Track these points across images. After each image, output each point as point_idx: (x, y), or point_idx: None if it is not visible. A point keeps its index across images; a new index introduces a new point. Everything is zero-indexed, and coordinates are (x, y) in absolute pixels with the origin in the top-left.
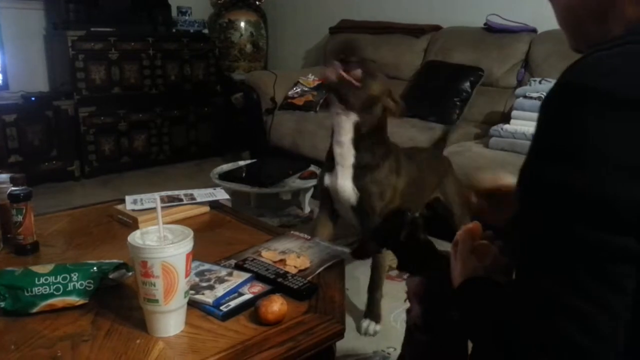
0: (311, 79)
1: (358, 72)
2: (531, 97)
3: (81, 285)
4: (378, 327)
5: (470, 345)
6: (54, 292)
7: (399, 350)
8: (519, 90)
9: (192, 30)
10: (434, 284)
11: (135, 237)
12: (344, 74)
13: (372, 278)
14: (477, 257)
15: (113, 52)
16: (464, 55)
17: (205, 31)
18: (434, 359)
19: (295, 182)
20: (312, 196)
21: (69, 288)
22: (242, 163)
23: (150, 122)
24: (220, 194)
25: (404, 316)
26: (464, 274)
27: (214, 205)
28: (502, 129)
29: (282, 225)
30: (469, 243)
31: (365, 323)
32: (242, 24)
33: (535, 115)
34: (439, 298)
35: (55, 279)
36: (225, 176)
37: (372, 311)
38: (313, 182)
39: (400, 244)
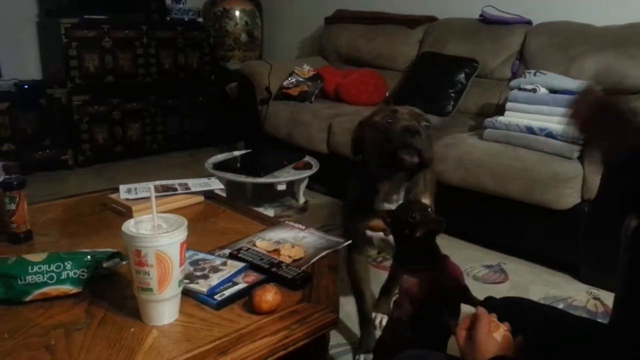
0: (306, 69)
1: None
2: (525, 89)
3: (75, 274)
4: (370, 356)
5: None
6: (48, 281)
7: None
8: (513, 82)
9: (186, 19)
10: (430, 289)
11: (129, 226)
12: None
13: (362, 315)
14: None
15: (107, 40)
16: (459, 47)
17: (200, 20)
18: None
19: (290, 173)
20: (307, 187)
21: (63, 277)
22: (236, 153)
23: (144, 111)
24: (215, 184)
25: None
26: (489, 351)
27: (209, 195)
28: (496, 120)
29: (277, 216)
30: (487, 324)
31: (359, 356)
32: (237, 13)
33: (529, 107)
34: (433, 304)
35: (49, 267)
36: (220, 166)
37: (367, 343)
38: (308, 172)
39: (407, 232)
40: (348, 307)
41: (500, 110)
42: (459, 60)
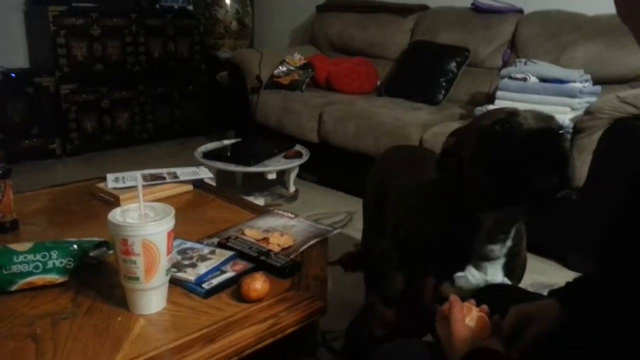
0: (297, 58)
1: None
2: (516, 78)
3: (61, 263)
4: None
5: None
6: (33, 270)
7: None
8: (504, 71)
9: (176, 7)
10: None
11: (115, 215)
12: None
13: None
14: (476, 329)
15: (95, 28)
16: (450, 36)
17: (190, 7)
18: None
19: (280, 162)
20: (297, 175)
21: (49, 266)
22: (227, 142)
23: (133, 99)
24: (204, 173)
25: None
26: (464, 339)
27: (198, 184)
28: (486, 109)
29: (267, 205)
30: (460, 312)
31: None
32: (228, 1)
33: (519, 96)
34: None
35: (35, 257)
36: (210, 155)
37: None
38: (298, 161)
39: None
40: (339, 296)
41: (491, 99)
42: (450, 49)
